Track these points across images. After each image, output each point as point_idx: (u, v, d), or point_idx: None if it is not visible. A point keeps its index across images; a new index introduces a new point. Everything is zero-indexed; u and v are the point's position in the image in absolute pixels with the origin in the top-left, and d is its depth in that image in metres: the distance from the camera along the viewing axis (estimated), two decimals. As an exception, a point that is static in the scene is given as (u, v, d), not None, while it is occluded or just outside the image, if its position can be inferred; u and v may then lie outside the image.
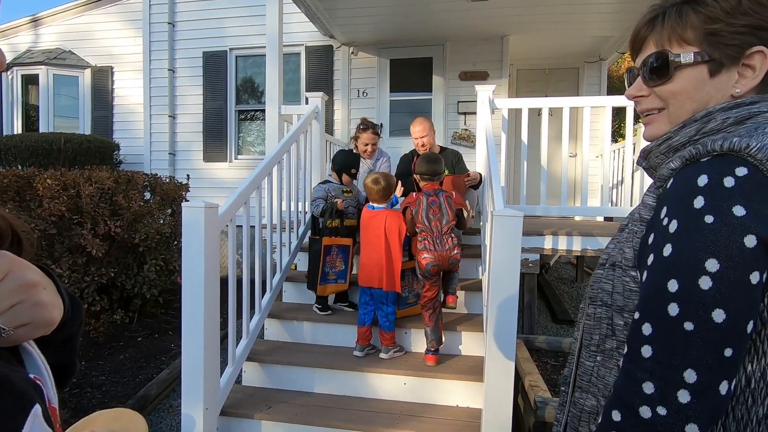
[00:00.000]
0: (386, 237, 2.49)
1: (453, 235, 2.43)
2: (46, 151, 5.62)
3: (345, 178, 2.97)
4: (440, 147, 3.52)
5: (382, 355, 2.51)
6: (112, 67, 7.09)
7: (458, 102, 5.90)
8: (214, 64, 6.57)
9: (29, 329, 0.48)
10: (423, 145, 3.33)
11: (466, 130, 5.85)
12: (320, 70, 6.22)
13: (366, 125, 3.29)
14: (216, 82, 6.58)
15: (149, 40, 6.75)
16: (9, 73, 7.26)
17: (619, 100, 3.22)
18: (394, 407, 2.28)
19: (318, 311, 2.83)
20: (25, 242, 0.57)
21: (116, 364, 3.37)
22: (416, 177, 2.59)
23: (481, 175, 3.30)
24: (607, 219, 5.58)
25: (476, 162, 3.55)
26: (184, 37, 6.65)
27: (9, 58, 7.40)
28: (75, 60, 7.19)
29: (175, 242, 4.57)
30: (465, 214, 2.50)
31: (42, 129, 7.03)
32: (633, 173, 3.46)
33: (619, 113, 4.60)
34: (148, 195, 4.41)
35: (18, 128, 7.27)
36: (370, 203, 2.65)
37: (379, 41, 5.97)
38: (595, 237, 3.16)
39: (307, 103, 3.74)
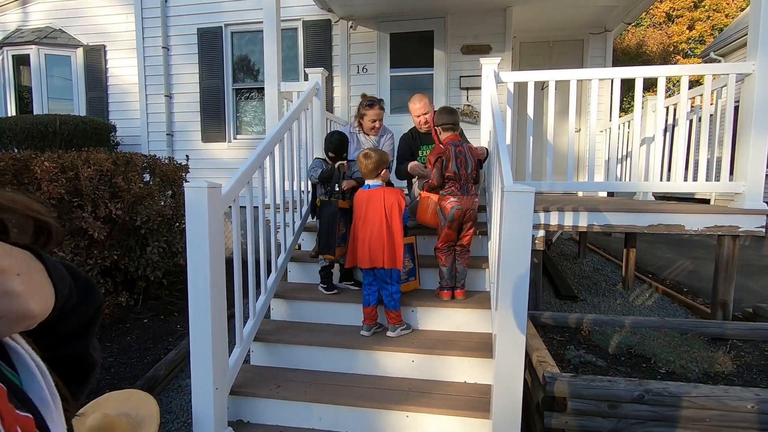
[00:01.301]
0: (386, 214, 2.46)
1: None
2: (41, 133, 5.53)
3: (336, 161, 2.92)
4: None
5: (390, 334, 2.51)
6: (104, 46, 6.92)
7: (460, 77, 5.77)
8: (209, 42, 6.40)
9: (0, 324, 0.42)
10: (426, 123, 3.25)
11: (468, 105, 5.74)
12: (318, 46, 6.07)
13: (371, 101, 3.19)
14: (212, 60, 6.43)
15: (141, 17, 6.56)
16: (0, 53, 7.08)
17: (629, 72, 3.13)
18: (402, 384, 2.30)
19: (324, 291, 2.82)
20: (54, 230, 0.52)
21: (123, 346, 3.39)
22: (438, 129, 2.77)
23: (487, 150, 3.23)
24: (609, 194, 5.54)
25: (480, 138, 3.49)
26: (177, 13, 6.46)
27: (-2, 37, 7.22)
28: (66, 39, 7.01)
29: (177, 224, 4.55)
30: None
31: (36, 111, 6.91)
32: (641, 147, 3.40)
33: (623, 86, 4.50)
34: (147, 177, 4.36)
35: (11, 110, 7.14)
36: (365, 183, 2.61)
37: (378, 14, 5.80)
38: (601, 212, 3.12)
39: (306, 79, 3.65)
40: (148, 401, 2.02)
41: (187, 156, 5.02)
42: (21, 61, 7.12)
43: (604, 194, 5.62)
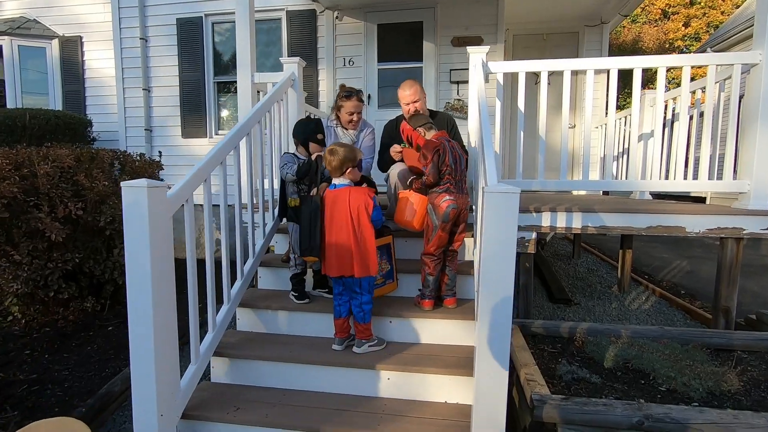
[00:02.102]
0: (353, 217, 2.21)
1: None
2: (8, 128, 5.24)
3: (313, 147, 2.60)
4: (430, 111, 3.17)
5: (355, 349, 2.27)
6: (81, 37, 6.62)
7: (450, 70, 5.54)
8: (189, 32, 6.12)
9: None
10: (416, 111, 3.02)
11: (459, 100, 5.51)
12: (303, 37, 5.81)
13: (349, 92, 2.94)
14: (192, 52, 6.15)
15: (118, 6, 6.27)
16: (-30, 44, 6.76)
17: (627, 62, 2.90)
18: (376, 405, 2.07)
19: (294, 299, 2.58)
20: None
21: (83, 357, 3.13)
22: (421, 130, 2.57)
23: (462, 144, 3.03)
24: (604, 193, 5.34)
25: (468, 133, 3.25)
26: (155, 2, 6.17)
27: (-31, 28, 6.89)
28: (41, 29, 6.71)
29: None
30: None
31: (9, 105, 6.61)
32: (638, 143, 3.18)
33: (620, 82, 4.27)
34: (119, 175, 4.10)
35: (-17, 104, 6.83)
36: (332, 182, 2.35)
37: (365, 4, 5.55)
38: (596, 213, 2.90)
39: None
40: (81, 431, 1.78)
41: (160, 152, 4.77)
42: (-6, 53, 6.80)
43: (599, 193, 5.42)
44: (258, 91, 3.43)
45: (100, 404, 2.47)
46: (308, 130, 2.60)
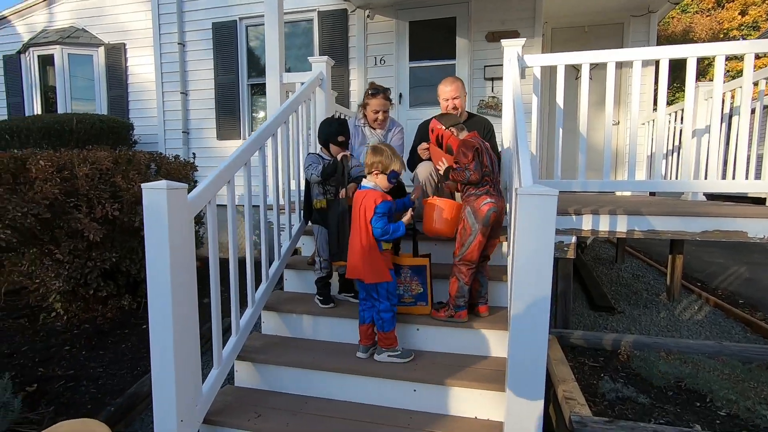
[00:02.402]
0: (362, 219, 2.13)
1: None
2: (57, 132, 5.51)
3: (334, 149, 2.51)
4: (468, 113, 3.06)
5: (376, 357, 2.18)
6: (124, 44, 6.89)
7: (485, 66, 5.35)
8: (224, 36, 6.24)
9: None
10: (455, 108, 2.90)
11: (493, 97, 5.31)
12: (334, 37, 5.78)
13: (376, 89, 2.86)
14: (227, 55, 6.26)
15: (158, 13, 6.48)
16: (26, 54, 7.19)
17: (680, 51, 2.65)
18: (400, 418, 1.96)
19: (319, 303, 2.52)
20: None
21: (117, 354, 3.21)
22: (454, 130, 2.45)
23: (496, 149, 2.92)
24: (651, 194, 4.99)
25: (502, 131, 3.09)
26: (192, 8, 6.33)
27: (26, 38, 7.34)
28: (88, 38, 7.03)
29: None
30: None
31: (60, 111, 6.97)
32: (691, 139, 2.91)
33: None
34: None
35: (38, 110, 7.24)
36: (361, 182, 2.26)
37: (396, 2, 5.45)
38: (644, 216, 2.67)
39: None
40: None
41: (194, 154, 4.86)
42: (46, 62, 7.20)
43: (645, 194, 5.07)
44: (287, 92, 3.40)
45: (128, 403, 2.49)
46: (329, 132, 2.52)
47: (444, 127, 2.44)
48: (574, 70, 5.47)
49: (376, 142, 2.90)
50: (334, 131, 2.51)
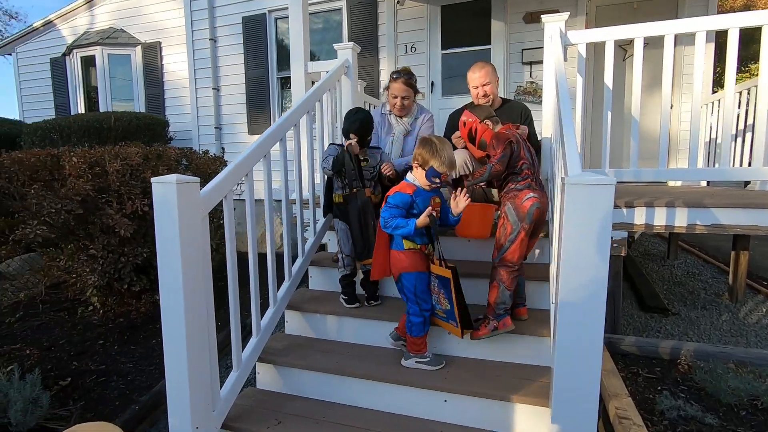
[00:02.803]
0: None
1: None
2: (97, 130, 5.67)
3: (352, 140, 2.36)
4: (503, 99, 2.83)
5: (403, 362, 2.03)
6: (160, 43, 7.01)
7: (522, 50, 5.02)
8: (253, 30, 6.20)
9: None
10: (485, 95, 2.69)
11: (531, 83, 4.99)
12: (363, 26, 5.61)
13: (398, 73, 2.68)
14: (257, 49, 6.23)
15: (190, 9, 6.53)
16: (70, 56, 7.47)
17: (753, 18, 2.31)
18: (429, 430, 1.79)
19: (344, 303, 2.38)
20: None
21: (147, 349, 3.22)
22: (488, 123, 2.22)
23: (532, 133, 2.68)
24: (707, 184, 4.53)
25: (543, 117, 2.83)
26: (223, 3, 6.33)
27: (69, 41, 7.62)
28: (126, 38, 7.21)
29: (215, 220, 4.37)
30: None
31: (101, 110, 7.20)
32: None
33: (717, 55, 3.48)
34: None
35: (81, 110, 7.52)
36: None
37: (427, -14, 5.21)
38: (707, 208, 2.36)
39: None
40: (117, 438, 1.72)
41: (223, 148, 4.84)
42: (89, 63, 7.45)
43: (700, 184, 4.62)
44: (312, 82, 3.27)
45: (153, 401, 2.46)
46: (349, 123, 2.37)
47: (479, 119, 2.21)
48: (620, 52, 5.05)
49: (402, 131, 2.72)
50: (352, 123, 2.36)
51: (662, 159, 2.55)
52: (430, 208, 1.89)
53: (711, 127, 4.09)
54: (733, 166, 4.00)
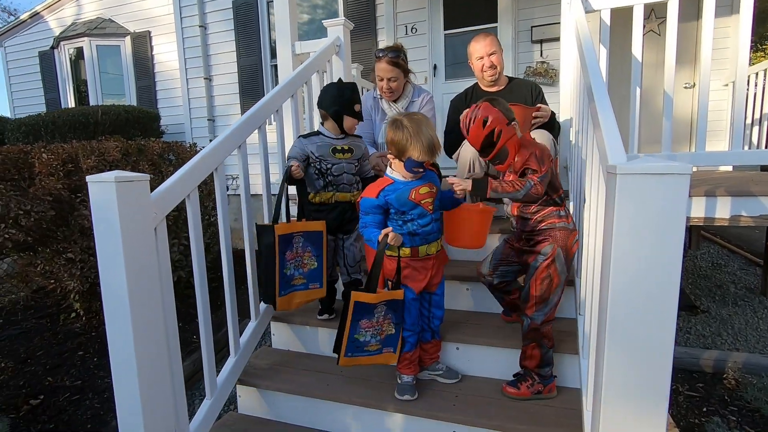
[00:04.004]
0: None
1: None
2: (83, 124, 5.39)
3: (348, 121, 1.92)
4: (509, 77, 2.49)
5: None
6: (149, 32, 6.70)
7: (532, 27, 4.65)
8: (245, 15, 5.86)
9: None
10: (492, 67, 2.32)
11: (543, 62, 4.62)
12: (360, 6, 5.25)
13: (382, 51, 2.32)
14: (249, 36, 5.90)
15: (178, -5, 6.19)
16: (58, 49, 7.19)
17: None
18: (437, 471, 1.51)
19: (317, 314, 2.09)
20: None
21: (129, 361, 2.96)
22: (515, 125, 1.61)
23: (553, 113, 2.31)
24: (764, 168, 4.16)
25: (561, 97, 2.50)
26: (211, -13, 5.99)
27: (57, 33, 7.33)
28: (115, 28, 6.90)
29: (206, 218, 4.10)
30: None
31: (92, 103, 6.93)
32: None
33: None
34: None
35: (71, 104, 7.26)
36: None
37: (428, -40, 4.84)
38: (755, 197, 2.03)
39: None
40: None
41: (210, 140, 4.53)
42: (77, 55, 7.17)
43: (729, 169, 4.26)
44: (301, 63, 2.95)
45: (127, 426, 2.20)
46: (339, 97, 1.90)
47: (506, 120, 1.59)
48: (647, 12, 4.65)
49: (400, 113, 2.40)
50: (341, 97, 1.90)
51: (700, 141, 2.22)
52: (382, 233, 1.53)
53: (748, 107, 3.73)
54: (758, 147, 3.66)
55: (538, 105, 2.24)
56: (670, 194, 0.74)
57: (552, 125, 2.28)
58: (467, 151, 2.29)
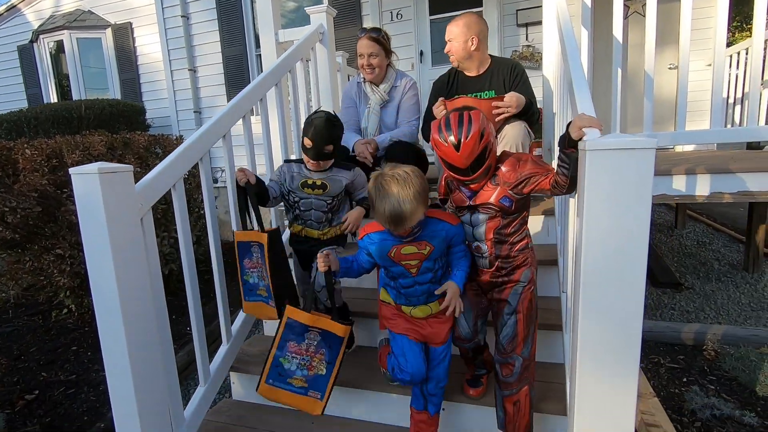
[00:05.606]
0: None
1: None
2: (66, 120, 5.31)
3: (305, 157, 1.73)
4: (491, 56, 2.40)
5: None
6: (131, 23, 6.58)
7: (517, 11, 4.64)
8: (227, 4, 5.78)
9: None
10: (474, 49, 2.17)
11: (528, 46, 4.62)
12: (345, -8, 5.20)
13: (363, 30, 2.35)
14: (232, 25, 5.82)
15: (159, -16, 6.07)
16: (38, 42, 7.03)
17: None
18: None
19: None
20: None
21: (124, 354, 2.98)
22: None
23: (530, 100, 2.05)
24: (749, 147, 4.23)
25: (544, 78, 2.52)
26: (193, -25, 5.88)
27: (35, 25, 7.16)
28: (95, 20, 6.76)
29: (196, 210, 4.08)
30: None
31: (75, 98, 6.81)
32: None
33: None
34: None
35: (54, 99, 7.13)
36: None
37: (411, -56, 4.79)
38: (734, 174, 2.08)
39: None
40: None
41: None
42: (57, 49, 7.02)
43: (712, 147, 4.33)
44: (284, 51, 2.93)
45: (124, 417, 2.23)
46: (306, 128, 1.69)
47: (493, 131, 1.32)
48: (625, 8, 4.67)
49: (378, 101, 2.39)
50: (311, 129, 1.68)
51: (680, 120, 2.26)
52: (320, 260, 1.43)
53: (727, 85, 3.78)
54: (741, 124, 3.72)
55: (500, 96, 2.01)
56: (636, 168, 0.77)
57: (530, 114, 2.07)
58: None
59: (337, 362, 1.48)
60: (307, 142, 1.67)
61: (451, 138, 1.25)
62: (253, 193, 1.70)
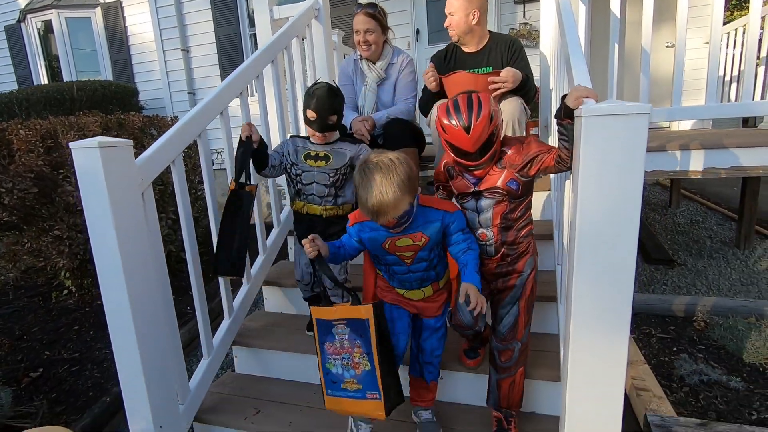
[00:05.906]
0: None
1: None
2: (58, 101, 5.25)
3: (310, 130, 1.68)
4: (490, 32, 2.36)
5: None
6: (121, 2, 6.45)
7: (515, -12, 4.59)
8: (220, -19, 5.66)
9: None
10: (476, 22, 2.10)
11: (526, 24, 4.58)
12: (339, -30, 5.11)
13: (359, 6, 2.32)
14: (226, 3, 5.72)
15: (148, -40, 5.94)
16: (26, 22, 6.88)
17: None
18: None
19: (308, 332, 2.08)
20: None
21: (125, 333, 3.02)
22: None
23: (527, 76, 2.01)
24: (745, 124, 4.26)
25: (541, 55, 2.51)
26: (184, -48, 5.75)
27: (22, 5, 6.99)
28: (83, -2, 6.61)
29: (194, 191, 4.08)
30: None
31: (66, 79, 6.70)
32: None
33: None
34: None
35: (44, 81, 7.01)
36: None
37: None
38: (728, 149, 2.11)
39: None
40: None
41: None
42: (47, 29, 6.88)
43: (708, 125, 4.35)
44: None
45: (128, 391, 2.28)
46: (308, 99, 1.64)
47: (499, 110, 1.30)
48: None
49: (375, 79, 2.38)
50: (312, 100, 1.62)
51: (676, 97, 2.27)
52: (306, 246, 1.32)
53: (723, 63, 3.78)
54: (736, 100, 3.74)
55: (496, 71, 1.96)
56: (631, 132, 0.79)
57: (527, 89, 2.03)
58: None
59: (374, 350, 1.25)
60: (311, 114, 1.62)
61: (462, 121, 1.22)
62: (251, 150, 1.63)
